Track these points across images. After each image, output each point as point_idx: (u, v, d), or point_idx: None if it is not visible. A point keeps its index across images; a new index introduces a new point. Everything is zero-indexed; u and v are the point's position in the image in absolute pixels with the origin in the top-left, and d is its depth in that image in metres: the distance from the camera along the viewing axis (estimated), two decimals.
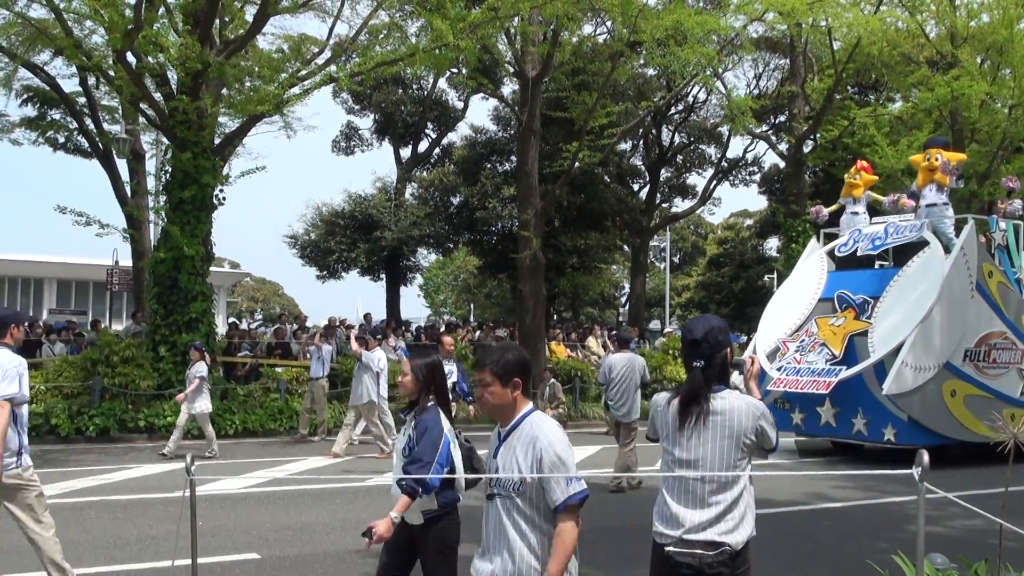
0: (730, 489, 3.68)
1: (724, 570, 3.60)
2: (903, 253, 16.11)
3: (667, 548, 3.68)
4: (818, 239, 17.59)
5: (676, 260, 56.89)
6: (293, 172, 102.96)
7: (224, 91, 18.70)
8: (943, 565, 5.52)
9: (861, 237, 16.30)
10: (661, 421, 3.89)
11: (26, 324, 7.80)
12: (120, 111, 23.45)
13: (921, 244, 15.33)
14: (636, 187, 36.21)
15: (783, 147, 30.12)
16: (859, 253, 16.32)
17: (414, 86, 32.53)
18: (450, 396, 5.97)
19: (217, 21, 17.57)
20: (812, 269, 16.81)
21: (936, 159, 15.14)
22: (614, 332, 25.55)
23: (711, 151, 36.67)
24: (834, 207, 17.79)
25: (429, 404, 4.82)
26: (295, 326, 23.48)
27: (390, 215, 30.36)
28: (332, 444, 14.40)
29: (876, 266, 17.02)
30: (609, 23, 24.32)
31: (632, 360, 11.66)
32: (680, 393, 3.80)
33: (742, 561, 3.69)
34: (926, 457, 4.18)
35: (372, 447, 14.61)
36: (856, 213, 16.85)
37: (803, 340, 15.37)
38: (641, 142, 34.73)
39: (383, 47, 19.47)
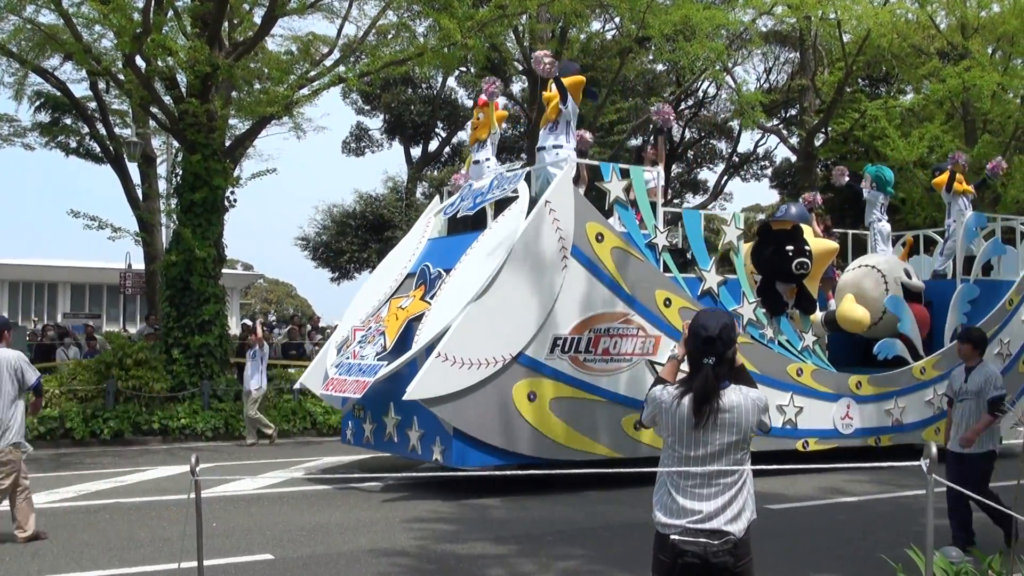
0: (735, 482, 3.75)
1: (728, 559, 3.67)
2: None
3: (672, 537, 3.73)
4: (441, 199, 13.67)
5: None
6: (304, 173, 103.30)
7: (234, 93, 18.76)
8: (958, 558, 5.51)
9: (468, 193, 12.57)
10: (668, 419, 3.85)
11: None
12: (130, 115, 23.54)
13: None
14: None
15: (794, 141, 30.05)
16: (460, 214, 12.53)
17: (423, 85, 32.58)
18: None
19: (225, 23, 17.61)
20: (413, 236, 13.14)
21: (551, 88, 11.89)
22: None
23: (722, 146, 36.65)
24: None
25: None
26: (309, 326, 23.53)
27: (401, 215, 30.45)
28: None
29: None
30: (617, 19, 24.28)
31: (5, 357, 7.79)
32: (692, 391, 3.77)
33: (745, 552, 3.74)
34: (934, 448, 4.18)
35: None
36: (478, 162, 12.98)
37: (370, 328, 11.78)
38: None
39: (391, 47, 19.47)
